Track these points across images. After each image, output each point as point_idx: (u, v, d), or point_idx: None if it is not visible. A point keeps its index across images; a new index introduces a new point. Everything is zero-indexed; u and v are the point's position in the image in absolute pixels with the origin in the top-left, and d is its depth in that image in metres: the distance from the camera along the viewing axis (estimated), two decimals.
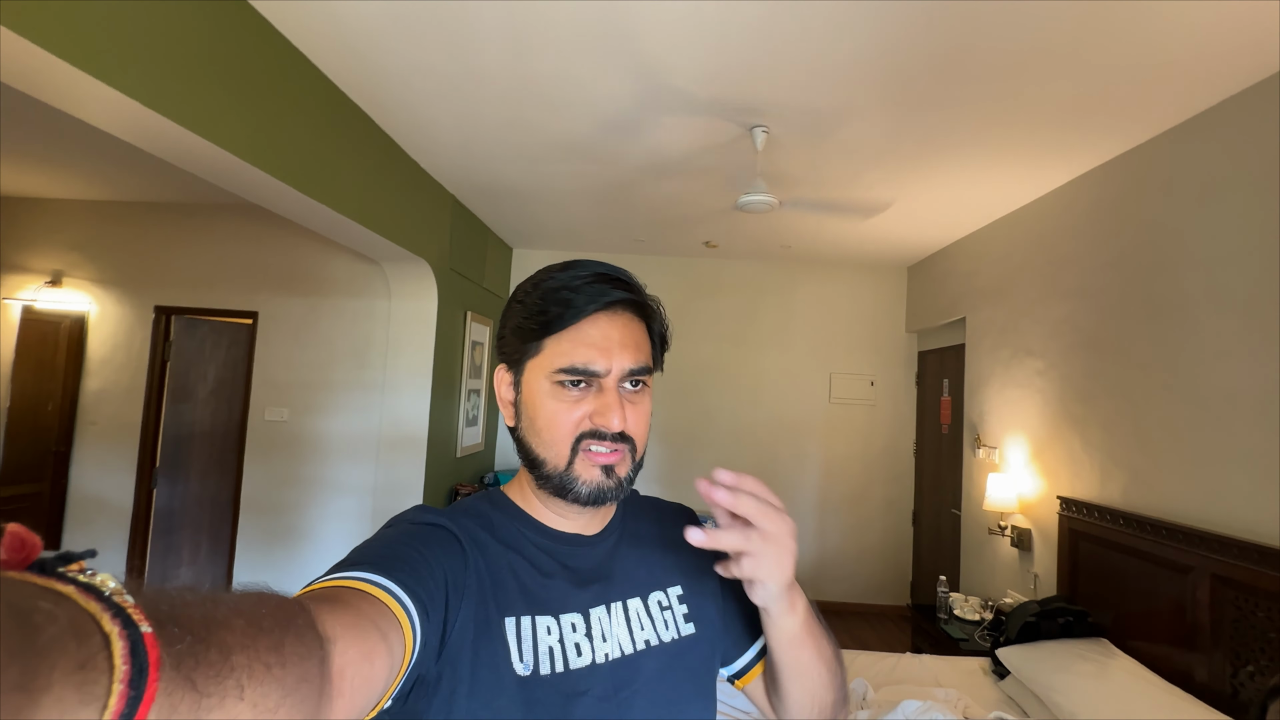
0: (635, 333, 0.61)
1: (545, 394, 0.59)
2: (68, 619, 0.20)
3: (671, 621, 0.64)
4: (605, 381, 0.58)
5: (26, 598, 0.19)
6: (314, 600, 0.37)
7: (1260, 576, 1.76)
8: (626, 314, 0.61)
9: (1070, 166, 2.68)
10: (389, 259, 3.19)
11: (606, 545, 0.65)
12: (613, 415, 0.57)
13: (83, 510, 3.76)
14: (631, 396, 0.60)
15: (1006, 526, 3.09)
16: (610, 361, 0.58)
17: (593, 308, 0.58)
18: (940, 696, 2.09)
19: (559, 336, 0.58)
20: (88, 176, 3.49)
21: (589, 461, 0.58)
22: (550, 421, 0.58)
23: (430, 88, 2.29)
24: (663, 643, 0.62)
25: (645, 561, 0.67)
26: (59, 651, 0.19)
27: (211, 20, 1.72)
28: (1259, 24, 1.66)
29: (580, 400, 0.58)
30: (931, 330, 4.41)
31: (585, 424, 0.58)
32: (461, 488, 3.80)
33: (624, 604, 0.63)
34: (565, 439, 0.58)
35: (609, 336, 0.58)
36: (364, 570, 0.46)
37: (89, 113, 1.59)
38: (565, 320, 0.58)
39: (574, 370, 0.57)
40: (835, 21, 1.76)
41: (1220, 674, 1.89)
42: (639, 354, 0.60)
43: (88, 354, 3.84)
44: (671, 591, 0.66)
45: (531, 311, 0.59)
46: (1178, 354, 2.17)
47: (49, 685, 0.18)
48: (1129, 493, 2.35)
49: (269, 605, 0.29)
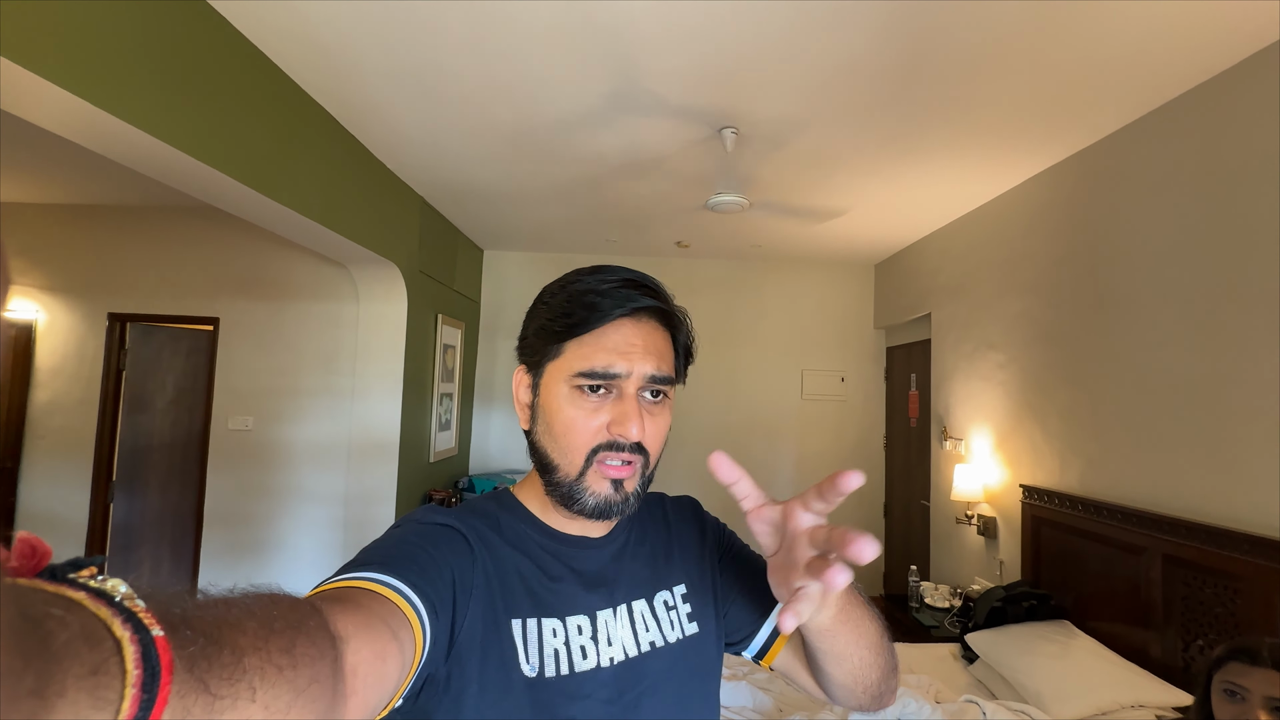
0: (659, 341, 0.60)
1: (563, 398, 0.58)
2: (80, 625, 0.20)
3: (677, 621, 0.64)
4: (625, 388, 0.57)
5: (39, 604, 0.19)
6: (325, 600, 0.37)
7: (1207, 555, 1.86)
8: (652, 321, 0.60)
9: (1025, 167, 2.78)
10: (356, 262, 3.13)
11: (614, 547, 0.65)
12: (631, 423, 0.55)
13: (33, 528, 3.55)
14: (651, 408, 0.58)
15: (973, 515, 3.20)
16: (631, 365, 0.57)
17: (618, 312, 0.57)
18: (913, 683, 2.15)
19: (581, 340, 0.57)
20: (33, 178, 3.33)
21: (600, 474, 0.57)
22: (567, 428, 0.57)
23: (396, 87, 2.25)
24: (668, 643, 0.62)
25: (651, 561, 0.67)
26: (72, 657, 0.19)
27: (165, 17, 1.67)
28: (1199, 29, 1.75)
29: (599, 409, 0.57)
30: (899, 326, 4.53)
31: (603, 434, 0.57)
32: (435, 493, 3.74)
33: (629, 606, 0.62)
34: (581, 449, 0.57)
35: (632, 342, 0.57)
36: (373, 570, 0.46)
37: (34, 113, 1.52)
38: (590, 324, 0.57)
39: (593, 374, 0.56)
40: (798, 27, 1.80)
41: (1173, 649, 1.99)
42: (662, 362, 0.59)
43: (36, 364, 3.67)
44: (676, 590, 0.66)
45: (556, 313, 0.59)
46: (1125, 345, 2.27)
47: (63, 690, 0.18)
48: (1086, 479, 2.45)
49: (281, 606, 0.29)
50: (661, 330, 0.61)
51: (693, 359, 0.65)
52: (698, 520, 0.74)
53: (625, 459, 0.57)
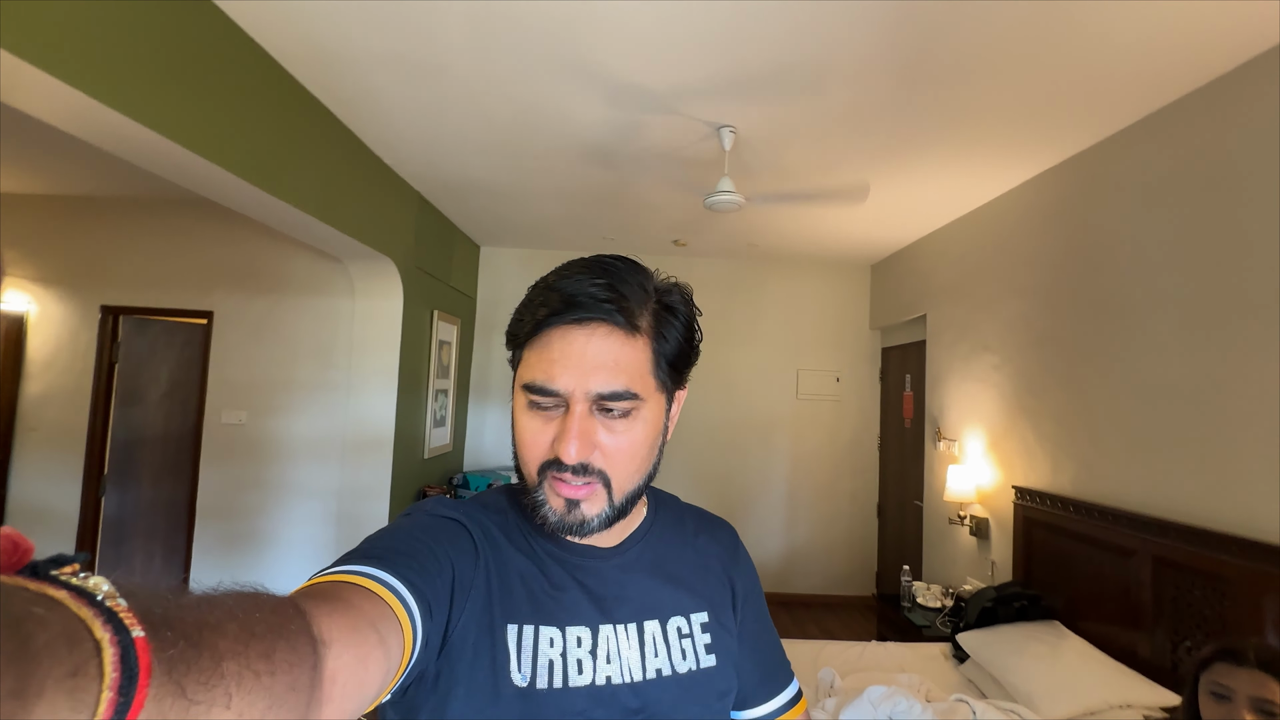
0: (615, 350, 0.52)
1: (521, 408, 0.54)
2: (61, 625, 0.20)
3: (690, 651, 0.59)
4: (573, 406, 0.51)
5: (19, 603, 0.19)
6: (313, 599, 0.37)
7: (1196, 557, 1.88)
8: (607, 327, 0.52)
9: (1023, 169, 2.79)
10: (352, 257, 3.12)
11: (624, 559, 0.60)
12: (568, 444, 0.50)
13: (23, 521, 3.56)
14: (611, 423, 0.52)
15: (966, 516, 3.21)
16: (573, 384, 0.51)
17: (556, 320, 0.51)
18: (904, 682, 2.16)
19: (529, 347, 0.54)
20: (27, 169, 3.30)
21: (554, 490, 0.53)
22: (521, 440, 0.55)
23: (393, 82, 2.25)
24: (677, 673, 0.57)
25: (670, 582, 0.61)
26: (51, 658, 0.19)
27: (161, 8, 1.65)
28: (1198, 33, 1.75)
29: (549, 422, 0.53)
30: (894, 327, 4.54)
31: (551, 451, 0.53)
32: (429, 489, 3.74)
33: (639, 626, 0.57)
34: (533, 462, 0.54)
35: (580, 353, 0.51)
36: (370, 564, 0.45)
37: (29, 104, 1.51)
38: (533, 329, 0.53)
39: (533, 387, 0.52)
40: (796, 27, 1.80)
41: (1161, 650, 2.01)
42: (615, 375, 0.51)
43: (27, 356, 3.64)
44: (695, 618, 0.60)
45: (518, 314, 0.55)
46: (1120, 348, 2.28)
47: (41, 691, 0.18)
48: (1078, 481, 2.46)
49: (263, 609, 0.29)
50: (622, 336, 0.52)
51: (691, 362, 0.60)
52: (733, 552, 0.69)
53: (577, 480, 0.52)
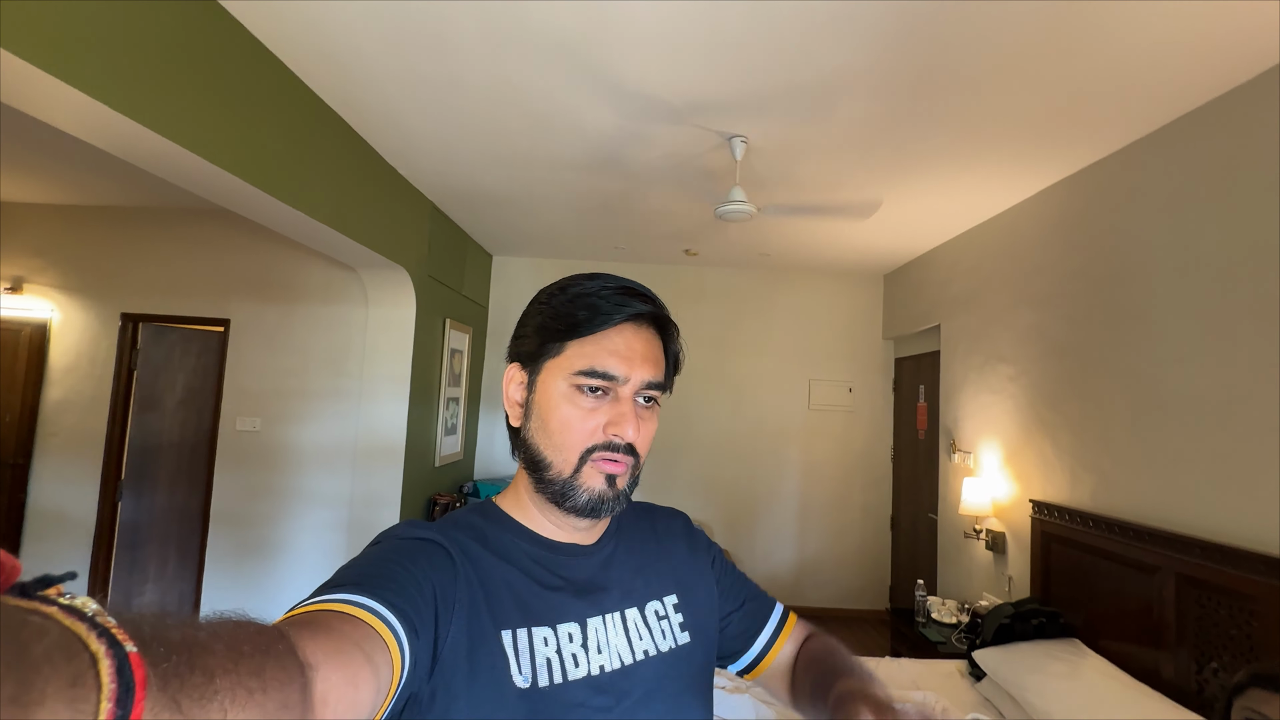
0: (655, 349, 0.63)
1: (562, 396, 0.59)
2: (57, 635, 0.20)
3: (669, 631, 0.65)
4: (622, 392, 0.59)
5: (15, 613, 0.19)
6: (294, 626, 0.37)
7: (1222, 575, 1.82)
8: (649, 329, 0.63)
9: (1038, 178, 2.76)
10: (366, 266, 3.15)
11: (603, 555, 0.65)
12: (628, 425, 0.58)
13: (42, 525, 3.62)
14: (643, 412, 0.61)
15: (981, 530, 3.15)
16: (631, 370, 0.59)
17: (619, 317, 0.60)
18: (919, 699, 2.11)
19: (583, 340, 0.60)
20: (51, 180, 3.38)
21: (595, 469, 0.59)
22: (564, 426, 0.59)
23: (409, 93, 2.27)
24: (660, 652, 0.63)
25: (642, 571, 0.67)
26: (50, 667, 0.19)
27: (182, 22, 1.69)
28: (1214, 43, 1.73)
29: (595, 410, 0.59)
30: (907, 337, 4.50)
31: (598, 435, 0.59)
32: (440, 498, 3.75)
33: (622, 614, 0.63)
34: (576, 447, 0.59)
35: (632, 347, 0.60)
36: (347, 591, 0.45)
37: (53, 116, 1.54)
38: (593, 325, 0.59)
39: (594, 373, 0.58)
40: (809, 37, 1.80)
41: (1186, 671, 1.95)
42: (657, 369, 0.62)
43: (49, 363, 3.71)
44: (668, 601, 0.67)
45: (558, 313, 0.61)
46: (1141, 360, 2.24)
47: (42, 699, 0.18)
48: (1098, 495, 2.41)
49: (247, 631, 0.29)
50: (657, 338, 0.64)
51: (679, 369, 0.68)
52: (688, 534, 0.76)
53: (619, 458, 0.59)
